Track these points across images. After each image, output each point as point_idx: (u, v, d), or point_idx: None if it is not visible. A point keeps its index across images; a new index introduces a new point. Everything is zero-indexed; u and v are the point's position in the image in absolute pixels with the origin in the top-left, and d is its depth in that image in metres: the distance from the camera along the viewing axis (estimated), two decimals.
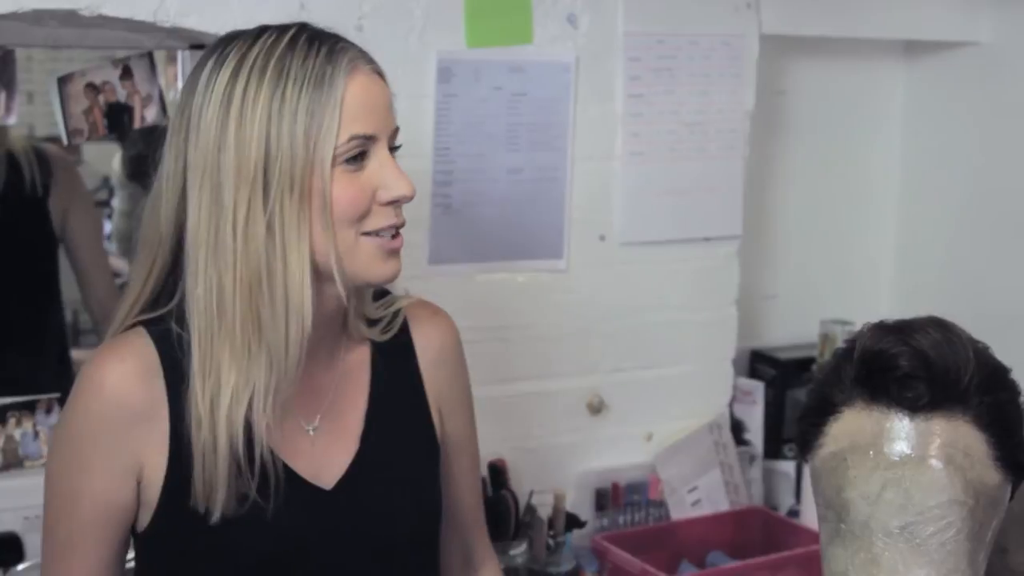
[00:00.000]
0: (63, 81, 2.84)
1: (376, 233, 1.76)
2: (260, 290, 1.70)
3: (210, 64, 1.73)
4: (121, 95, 2.90)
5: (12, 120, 3.07)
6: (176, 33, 2.62)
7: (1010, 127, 3.48)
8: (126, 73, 2.90)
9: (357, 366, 1.92)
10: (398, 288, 2.00)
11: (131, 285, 1.83)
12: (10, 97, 2.96)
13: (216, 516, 1.75)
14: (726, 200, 3.23)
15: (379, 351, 1.94)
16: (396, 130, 1.80)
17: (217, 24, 2.52)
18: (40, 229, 3.40)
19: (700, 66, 3.13)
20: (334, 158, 1.70)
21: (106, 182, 4.54)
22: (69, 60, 3.08)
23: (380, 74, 1.79)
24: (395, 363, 1.95)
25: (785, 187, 3.67)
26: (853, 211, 3.82)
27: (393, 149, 1.79)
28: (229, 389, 1.72)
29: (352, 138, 1.70)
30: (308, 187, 1.69)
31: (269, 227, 1.69)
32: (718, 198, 3.22)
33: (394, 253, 1.80)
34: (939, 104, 3.72)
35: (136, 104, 2.92)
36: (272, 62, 1.69)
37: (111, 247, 4.29)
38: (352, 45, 1.76)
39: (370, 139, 1.73)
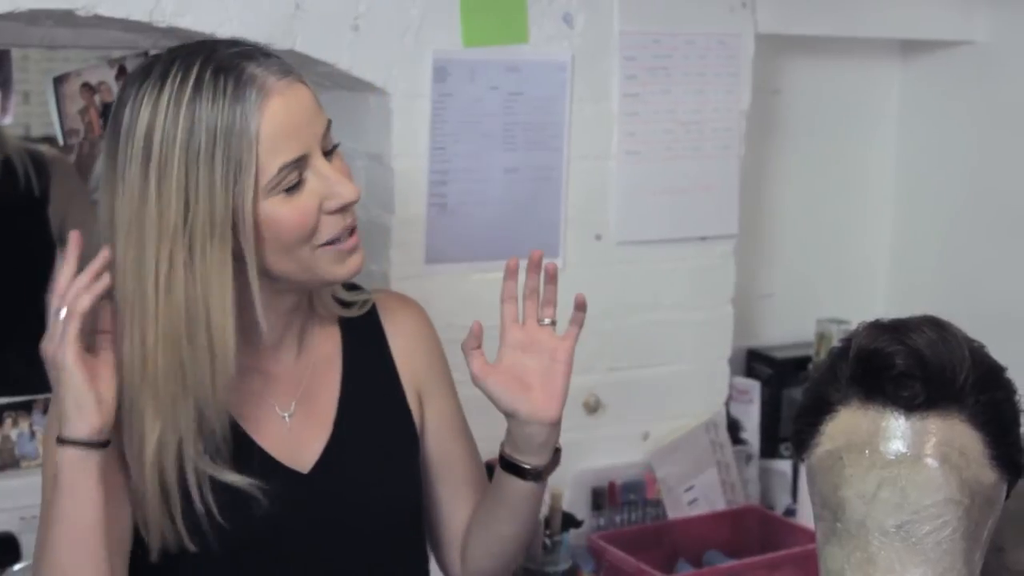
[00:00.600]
0: (59, 81, 2.85)
1: (331, 242, 1.77)
2: (181, 340, 1.72)
3: (127, 110, 1.72)
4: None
5: (8, 120, 3.07)
6: (172, 33, 2.61)
7: (1006, 126, 3.49)
8: (122, 73, 2.90)
9: (329, 352, 1.96)
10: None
11: None
12: (6, 97, 2.97)
13: (154, 555, 1.78)
14: (722, 199, 3.23)
15: (350, 338, 1.98)
16: (328, 126, 1.79)
17: (213, 24, 2.52)
18: (39, 235, 3.39)
19: (696, 65, 3.13)
20: (269, 190, 1.70)
21: None
22: (65, 60, 3.08)
23: (298, 80, 1.77)
24: (367, 349, 1.99)
25: (781, 186, 3.68)
26: (849, 210, 3.82)
27: (331, 150, 1.79)
28: (154, 438, 1.74)
29: (282, 168, 1.70)
30: (233, 230, 1.70)
31: (190, 276, 1.70)
32: (714, 197, 3.22)
33: (352, 251, 1.81)
34: (935, 103, 3.72)
35: None
36: (183, 110, 1.68)
37: None
38: (259, 61, 1.74)
39: (300, 160, 1.73)
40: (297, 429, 1.90)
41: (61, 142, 2.96)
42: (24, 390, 2.80)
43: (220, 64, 1.71)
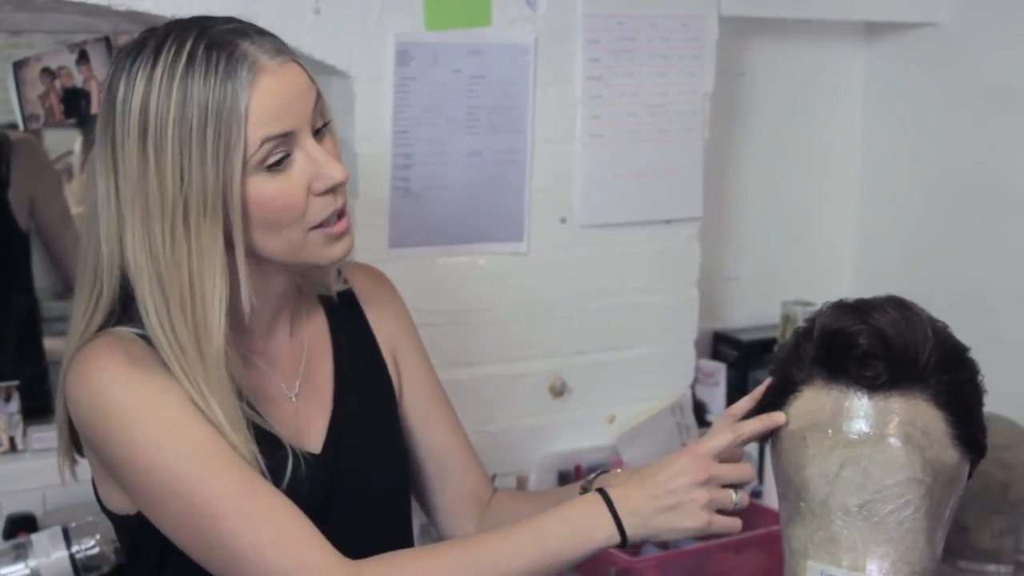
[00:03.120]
0: (18, 66, 2.83)
1: (321, 224, 1.77)
2: (188, 312, 1.71)
3: (122, 84, 1.71)
4: (78, 80, 2.89)
5: None
6: (132, 17, 2.60)
7: (970, 108, 3.50)
8: (83, 58, 2.88)
9: (318, 330, 1.98)
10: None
11: (73, 320, 1.80)
12: None
13: None
14: (687, 182, 3.23)
15: (333, 313, 2.00)
16: (317, 103, 1.78)
17: (173, 7, 2.50)
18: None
19: (659, 48, 3.12)
20: (254, 166, 1.69)
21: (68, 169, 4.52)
22: (29, 47, 3.05)
23: (291, 59, 1.76)
24: (349, 323, 2.02)
25: (746, 169, 3.68)
26: (814, 192, 3.83)
27: (321, 128, 1.78)
28: (217, 407, 1.72)
29: (265, 141, 1.69)
30: (224, 207, 1.69)
31: (189, 250, 1.70)
32: (679, 180, 3.22)
33: (342, 235, 1.80)
34: (899, 85, 3.73)
35: (93, 89, 2.91)
36: (176, 84, 1.67)
37: None
38: (253, 39, 1.73)
39: (287, 136, 1.72)
40: (302, 409, 1.91)
41: (21, 127, 2.93)
42: None
43: (213, 40, 1.70)
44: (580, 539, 1.71)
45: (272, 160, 1.71)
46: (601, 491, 1.74)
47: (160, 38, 1.72)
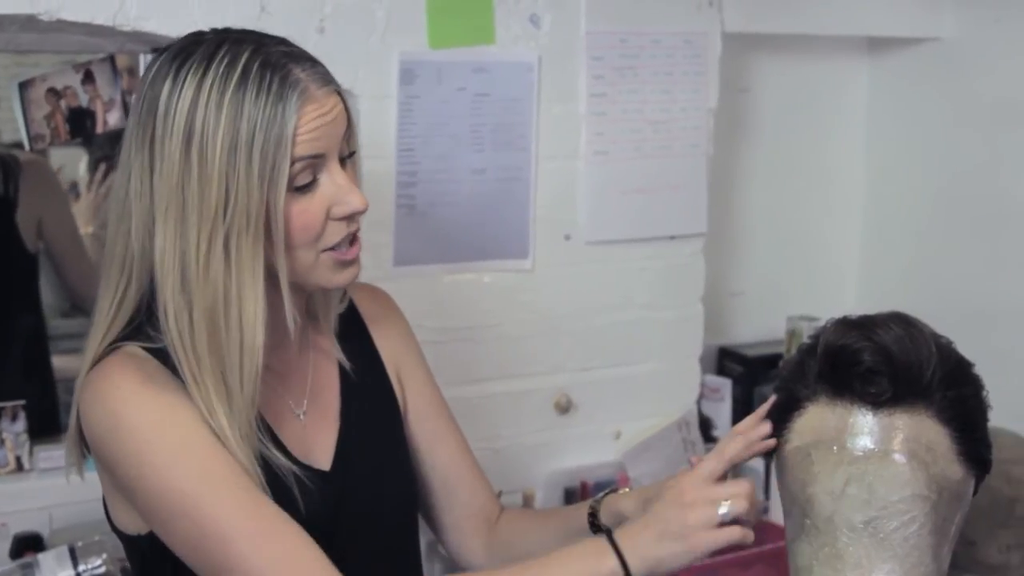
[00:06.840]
0: (24, 86, 2.83)
1: (333, 248, 1.78)
2: (219, 322, 1.71)
3: (167, 84, 1.71)
4: (83, 100, 2.89)
5: None
6: (136, 37, 2.61)
7: (973, 122, 3.50)
8: (88, 77, 2.89)
9: (324, 347, 1.98)
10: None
11: (99, 312, 1.80)
12: None
13: None
14: (691, 198, 3.23)
15: (339, 332, 2.00)
16: (348, 131, 1.79)
17: (177, 28, 2.51)
18: (7, 240, 3.37)
19: (663, 65, 3.13)
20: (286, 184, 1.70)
21: (74, 187, 4.52)
22: (35, 66, 3.06)
23: (336, 91, 1.78)
24: (354, 341, 2.01)
25: (750, 184, 3.68)
26: (818, 207, 3.83)
27: (347, 157, 1.79)
28: (223, 415, 1.72)
29: (296, 160, 1.70)
30: (264, 224, 1.70)
31: (227, 264, 1.70)
32: (683, 196, 3.22)
33: (352, 263, 1.82)
34: (902, 100, 3.73)
35: (98, 108, 2.91)
36: (228, 96, 1.68)
37: None
38: (304, 67, 1.74)
39: (317, 158, 1.73)
40: (310, 426, 1.91)
41: (27, 148, 2.94)
42: None
43: (268, 60, 1.71)
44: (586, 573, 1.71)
45: (299, 183, 1.72)
46: (607, 530, 1.74)
47: (212, 46, 1.72)
